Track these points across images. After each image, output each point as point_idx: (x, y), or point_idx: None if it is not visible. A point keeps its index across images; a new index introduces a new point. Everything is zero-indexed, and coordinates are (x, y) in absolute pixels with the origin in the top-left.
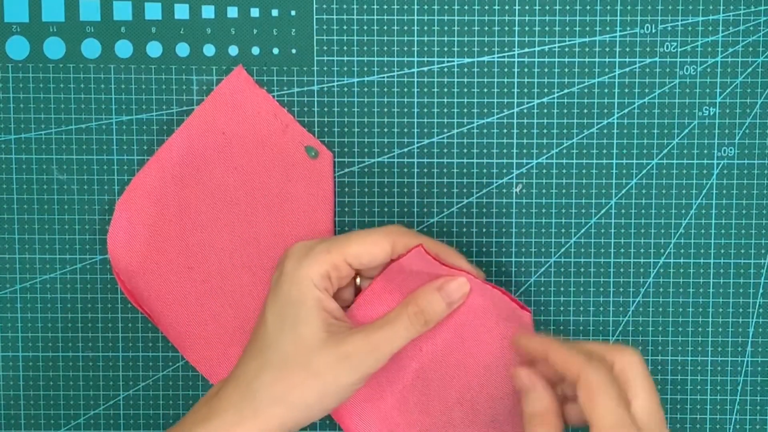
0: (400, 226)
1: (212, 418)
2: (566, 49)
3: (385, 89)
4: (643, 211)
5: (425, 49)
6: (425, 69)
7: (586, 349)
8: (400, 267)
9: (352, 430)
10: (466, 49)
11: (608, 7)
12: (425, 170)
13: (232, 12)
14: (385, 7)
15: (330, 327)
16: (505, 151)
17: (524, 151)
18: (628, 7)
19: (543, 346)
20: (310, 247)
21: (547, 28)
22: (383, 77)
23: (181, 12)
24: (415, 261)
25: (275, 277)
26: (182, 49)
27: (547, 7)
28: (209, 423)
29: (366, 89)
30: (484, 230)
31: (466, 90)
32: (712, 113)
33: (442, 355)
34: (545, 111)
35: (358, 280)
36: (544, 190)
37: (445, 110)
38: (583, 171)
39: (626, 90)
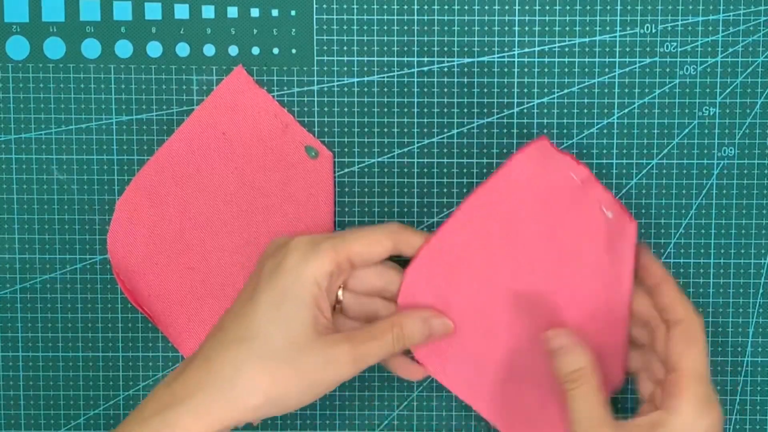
0: (398, 223)
1: (177, 404)
2: (566, 49)
3: (385, 89)
4: (643, 211)
5: (425, 49)
6: (425, 69)
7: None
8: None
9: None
10: (466, 49)
11: (608, 7)
12: (425, 170)
13: (232, 12)
14: (385, 7)
15: (318, 326)
16: (505, 151)
17: None
18: (628, 7)
19: (662, 278)
20: (315, 243)
21: (547, 28)
22: (383, 77)
23: (181, 12)
24: (535, 158)
25: (271, 266)
26: (182, 49)
27: (547, 7)
28: (176, 408)
29: (366, 89)
30: None
31: (466, 90)
32: (712, 113)
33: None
34: (545, 111)
35: None
36: None
37: (445, 110)
38: None
39: (626, 90)
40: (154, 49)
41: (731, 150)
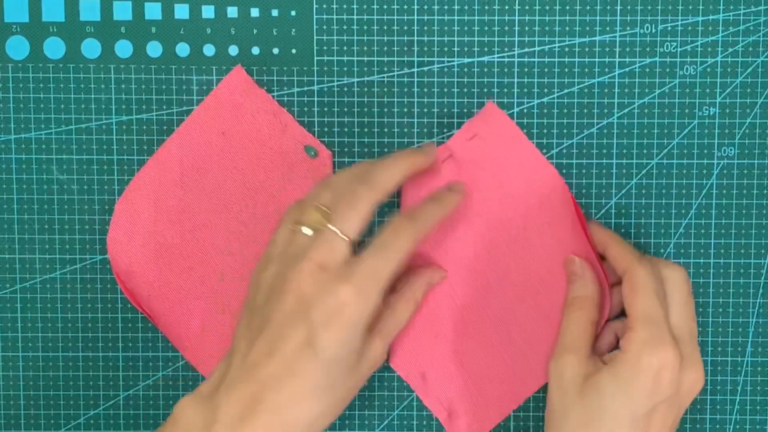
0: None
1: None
2: (566, 49)
3: (385, 89)
4: (643, 211)
5: (425, 49)
6: (425, 69)
7: (639, 253)
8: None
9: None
10: (466, 49)
11: (608, 7)
12: None
13: (232, 12)
14: (385, 7)
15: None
16: None
17: None
18: (628, 7)
19: (606, 237)
20: (367, 295)
21: (547, 28)
22: (383, 77)
23: (181, 12)
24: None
25: (323, 314)
26: (182, 49)
27: (547, 7)
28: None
29: (366, 89)
30: None
31: (466, 90)
32: (712, 113)
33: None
34: (545, 111)
35: None
36: None
37: (445, 110)
38: (583, 171)
39: (626, 90)
40: (154, 49)
41: (731, 150)
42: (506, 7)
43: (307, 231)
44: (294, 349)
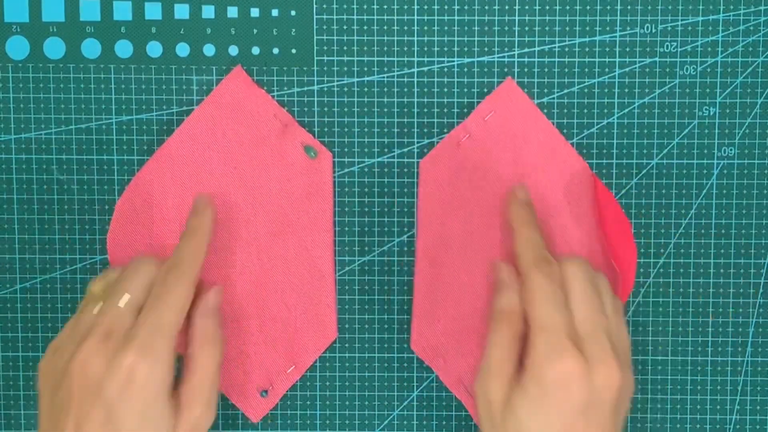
0: (157, 264)
1: None
2: (566, 49)
3: (385, 89)
4: (643, 211)
5: (425, 49)
6: (425, 69)
7: (539, 252)
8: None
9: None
10: (466, 49)
11: (608, 7)
12: None
13: (232, 12)
14: (385, 7)
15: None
16: None
17: None
18: (628, 7)
19: (516, 225)
20: (149, 349)
21: (547, 28)
22: (383, 77)
23: (181, 12)
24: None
25: (118, 386)
26: (182, 49)
27: (547, 7)
28: None
29: (366, 89)
30: None
31: (466, 90)
32: (712, 113)
33: None
34: (545, 111)
35: None
36: None
37: (445, 110)
38: None
39: (626, 90)
40: (154, 49)
41: (731, 150)
42: (506, 7)
43: (92, 308)
44: (97, 430)
